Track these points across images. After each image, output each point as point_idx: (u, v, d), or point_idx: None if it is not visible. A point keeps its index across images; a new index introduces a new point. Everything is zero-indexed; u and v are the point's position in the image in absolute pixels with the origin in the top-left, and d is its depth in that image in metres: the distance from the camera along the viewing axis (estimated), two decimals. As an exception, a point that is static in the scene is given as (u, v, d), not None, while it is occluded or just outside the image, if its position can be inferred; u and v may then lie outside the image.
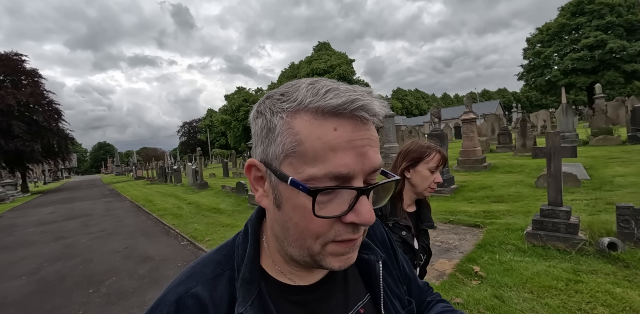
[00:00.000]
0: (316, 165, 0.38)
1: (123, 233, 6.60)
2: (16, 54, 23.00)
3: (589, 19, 37.60)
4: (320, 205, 0.39)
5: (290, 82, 0.43)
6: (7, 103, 19.62)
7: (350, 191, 0.39)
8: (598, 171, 7.43)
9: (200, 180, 12.91)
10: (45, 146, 22.82)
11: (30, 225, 8.79)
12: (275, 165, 0.41)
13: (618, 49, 34.76)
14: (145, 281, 3.81)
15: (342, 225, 0.40)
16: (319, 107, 0.38)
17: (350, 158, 0.38)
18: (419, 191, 1.34)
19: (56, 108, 24.56)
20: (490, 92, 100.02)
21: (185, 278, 0.47)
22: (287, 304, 0.47)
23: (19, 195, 20.70)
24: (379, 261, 0.56)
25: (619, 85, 36.22)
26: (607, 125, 13.43)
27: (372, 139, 0.41)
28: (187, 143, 67.53)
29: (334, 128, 0.38)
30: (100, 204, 12.47)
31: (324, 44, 45.97)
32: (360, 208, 0.39)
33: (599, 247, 3.20)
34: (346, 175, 0.38)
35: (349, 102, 0.37)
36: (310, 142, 0.38)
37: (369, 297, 0.55)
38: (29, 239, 6.86)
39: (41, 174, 44.75)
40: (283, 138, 0.39)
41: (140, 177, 28.18)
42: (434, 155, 1.32)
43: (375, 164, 0.40)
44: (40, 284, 4.02)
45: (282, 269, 0.49)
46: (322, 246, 0.41)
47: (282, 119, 0.39)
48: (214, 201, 9.45)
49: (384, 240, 0.66)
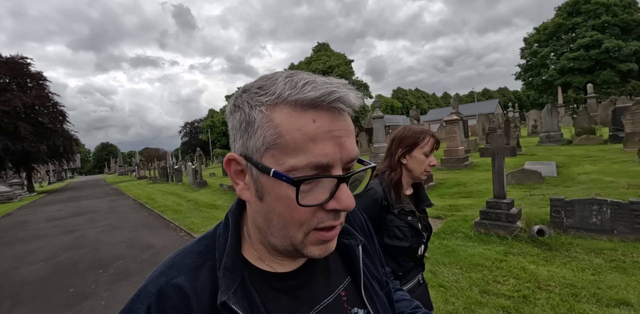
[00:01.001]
0: (297, 155, 0.39)
1: (127, 227, 7.24)
2: (22, 58, 23.71)
3: (585, 18, 37.92)
4: (303, 194, 0.40)
5: (266, 75, 0.44)
6: (13, 106, 20.32)
7: (331, 180, 0.41)
8: (569, 169, 7.98)
9: (200, 179, 13.54)
10: (50, 147, 23.53)
11: (40, 221, 9.45)
12: (256, 158, 0.42)
13: (613, 49, 35.08)
14: (147, 264, 4.44)
15: (324, 213, 0.42)
16: (298, 100, 0.39)
17: (330, 148, 0.39)
18: (416, 176, 1.39)
19: (61, 110, 25.29)
20: (490, 91, 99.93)
21: (166, 268, 0.47)
22: (269, 291, 0.48)
23: (26, 194, 21.42)
24: (358, 245, 0.57)
25: (614, 84, 36.51)
26: (590, 125, 13.96)
27: (349, 130, 0.42)
28: (189, 144, 68.15)
29: (313, 119, 0.39)
30: (105, 202, 13.11)
31: (323, 45, 46.54)
32: (340, 195, 0.41)
33: (531, 233, 3.77)
34: (326, 165, 0.40)
35: (327, 94, 0.38)
36: (290, 133, 0.39)
37: (349, 280, 0.56)
38: (41, 233, 7.50)
39: (45, 174, 45.59)
40: (263, 131, 0.40)
41: (143, 177, 28.88)
42: (428, 139, 1.37)
43: (352, 154, 0.42)
44: (56, 268, 4.65)
45: (264, 258, 0.50)
46: (305, 235, 0.43)
47: (262, 112, 0.40)
48: (211, 198, 10.07)
49: (363, 226, 0.68)
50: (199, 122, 69.86)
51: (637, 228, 3.36)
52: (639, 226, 3.35)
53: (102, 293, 3.59)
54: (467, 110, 53.35)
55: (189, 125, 71.62)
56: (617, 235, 3.47)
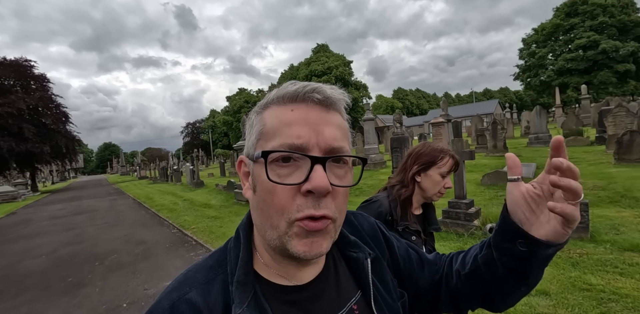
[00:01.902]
0: (275, 139, 0.43)
1: (124, 225, 7.68)
2: (25, 60, 24.24)
3: (583, 19, 38.03)
4: (281, 177, 0.42)
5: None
6: (18, 108, 20.84)
7: (306, 162, 0.42)
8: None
9: (197, 179, 13.98)
10: (53, 147, 24.07)
11: (43, 219, 9.91)
12: (252, 152, 0.46)
13: (610, 49, 35.18)
14: (139, 257, 4.86)
15: (303, 198, 0.42)
16: (279, 96, 0.46)
17: (304, 131, 0.42)
18: (428, 196, 1.31)
19: (63, 111, 25.84)
20: (492, 91, 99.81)
21: (178, 284, 0.48)
22: (281, 304, 0.48)
23: (30, 193, 21.94)
24: (367, 258, 0.57)
25: (612, 85, 36.66)
26: (577, 127, 14.26)
27: (330, 121, 0.45)
28: (190, 144, 68.65)
29: (291, 109, 0.44)
30: (106, 201, 13.58)
31: (322, 46, 46.93)
32: (313, 175, 0.41)
33: (484, 231, 4.15)
34: (300, 146, 0.42)
35: (302, 87, 0.45)
36: (271, 121, 0.44)
37: (360, 294, 0.55)
38: (44, 230, 7.95)
39: (49, 174, 46.22)
40: (257, 127, 0.46)
41: (144, 177, 29.38)
42: (447, 159, 1.29)
43: (331, 141, 0.43)
44: (57, 261, 5.08)
45: (274, 270, 0.50)
46: (288, 225, 0.43)
47: (258, 114, 0.48)
48: (206, 198, 10.50)
49: (374, 233, 0.66)
50: (200, 123, 70.35)
51: (581, 227, 3.70)
52: (583, 225, 3.69)
53: (97, 281, 4.01)
54: (466, 111, 53.65)
55: (190, 126, 72.12)
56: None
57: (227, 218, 6.88)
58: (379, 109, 73.69)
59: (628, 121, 10.55)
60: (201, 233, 5.83)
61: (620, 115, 10.65)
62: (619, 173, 6.79)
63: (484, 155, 12.82)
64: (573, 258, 3.21)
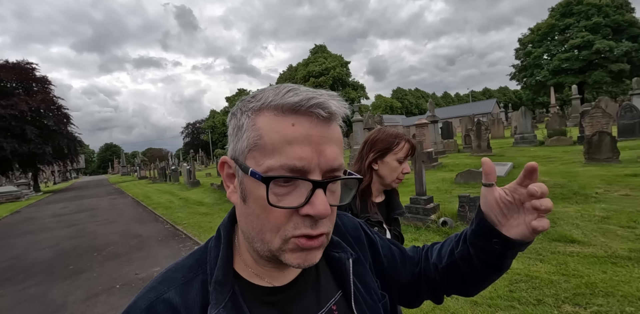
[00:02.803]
0: (273, 156, 0.40)
1: (122, 221, 8.21)
2: (27, 63, 24.81)
3: (577, 19, 38.32)
4: (279, 197, 0.40)
5: (264, 87, 0.47)
6: (20, 110, 21.39)
7: (307, 185, 0.41)
8: (520, 169, 8.80)
9: (193, 179, 14.50)
10: (55, 148, 24.61)
11: (46, 216, 10.46)
12: (241, 160, 0.43)
13: (604, 49, 35.47)
14: (134, 248, 5.39)
15: (300, 218, 0.41)
16: (279, 105, 0.41)
17: (306, 152, 0.40)
18: (387, 183, 1.30)
19: (65, 112, 26.39)
20: (491, 91, 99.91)
21: (156, 283, 0.47)
22: (260, 305, 0.48)
23: (32, 193, 22.51)
24: (349, 258, 0.57)
25: (606, 84, 37.05)
26: (561, 127, 14.73)
27: (331, 138, 0.43)
28: (191, 144, 69.21)
29: (292, 123, 0.40)
30: (106, 200, 14.12)
31: (320, 47, 47.46)
32: (315, 200, 0.40)
33: (438, 225, 4.65)
34: (301, 168, 0.40)
35: (306, 100, 0.40)
36: (269, 135, 0.40)
37: (340, 294, 0.56)
38: (47, 226, 8.50)
39: (50, 175, 46.87)
40: (248, 134, 0.42)
41: (144, 177, 29.94)
42: (402, 144, 1.28)
43: (332, 162, 0.42)
44: (60, 253, 5.61)
45: (255, 271, 0.49)
46: (283, 242, 0.42)
47: (248, 117, 0.43)
48: (201, 196, 11.03)
49: (357, 234, 0.66)
50: (200, 123, 70.93)
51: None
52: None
53: (95, 268, 4.55)
54: (464, 110, 54.07)
55: (190, 126, 72.71)
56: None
57: (216, 215, 7.40)
58: (378, 109, 74.07)
59: (604, 121, 11.03)
60: (191, 227, 6.35)
61: (596, 115, 11.13)
62: (585, 171, 7.25)
63: (469, 154, 13.30)
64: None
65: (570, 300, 2.47)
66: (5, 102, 21.10)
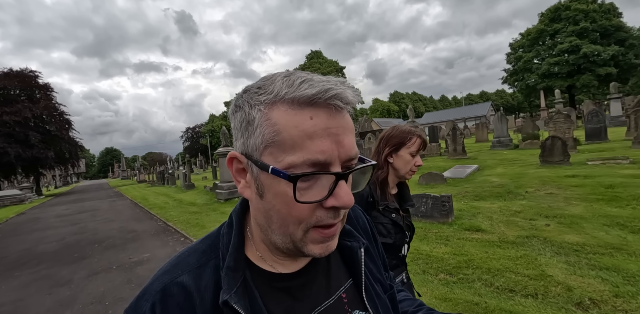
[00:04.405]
0: (295, 153, 0.39)
1: (120, 220, 9.09)
2: (31, 71, 25.79)
3: (565, 24, 39.28)
4: (301, 191, 0.40)
5: (266, 75, 0.45)
6: (24, 116, 22.30)
7: (329, 177, 0.41)
8: (482, 171, 9.65)
9: (188, 182, 15.38)
10: (57, 153, 25.44)
11: (50, 217, 11.34)
12: (255, 156, 0.42)
13: (592, 54, 36.37)
14: (129, 241, 6.27)
15: (324, 210, 0.42)
16: (295, 98, 0.39)
17: (327, 145, 0.40)
18: (401, 175, 1.41)
19: (67, 118, 27.32)
20: (488, 93, 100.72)
21: (170, 267, 0.49)
22: (271, 291, 0.49)
23: (35, 197, 23.35)
24: (361, 247, 0.58)
25: (594, 88, 37.96)
26: (534, 131, 15.59)
27: (347, 127, 0.42)
28: (191, 148, 69.87)
29: (310, 117, 0.40)
30: (106, 202, 14.99)
31: (315, 52, 48.60)
32: (339, 191, 0.41)
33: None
34: (324, 162, 0.40)
35: (323, 91, 0.39)
36: (287, 131, 0.39)
37: (351, 282, 0.57)
38: (52, 225, 9.37)
39: (52, 179, 47.76)
40: (262, 129, 0.41)
41: (143, 181, 30.83)
42: (414, 139, 1.39)
43: (351, 152, 0.42)
44: (65, 245, 6.47)
45: (266, 258, 0.50)
46: (304, 233, 0.43)
47: (260, 111, 0.41)
48: (194, 198, 11.90)
49: (366, 228, 0.68)
50: (200, 127, 71.72)
51: (444, 214, 5.03)
52: (445, 212, 5.02)
53: (96, 255, 5.42)
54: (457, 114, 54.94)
55: (190, 130, 73.48)
56: (434, 218, 5.10)
57: (204, 213, 8.27)
58: (375, 113, 75.15)
59: (566, 126, 11.90)
60: (180, 224, 7.22)
61: (559, 121, 11.99)
62: (534, 173, 8.09)
63: (446, 158, 14.16)
64: (428, 235, 4.51)
65: (447, 271, 3.32)
66: (9, 108, 22.01)
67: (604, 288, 2.67)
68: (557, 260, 3.26)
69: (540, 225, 4.28)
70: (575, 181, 6.57)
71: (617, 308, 2.41)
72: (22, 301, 3.74)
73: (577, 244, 3.58)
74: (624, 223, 4.06)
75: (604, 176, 6.70)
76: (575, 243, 3.62)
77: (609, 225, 4.07)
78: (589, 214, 4.52)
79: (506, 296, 2.71)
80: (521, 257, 3.40)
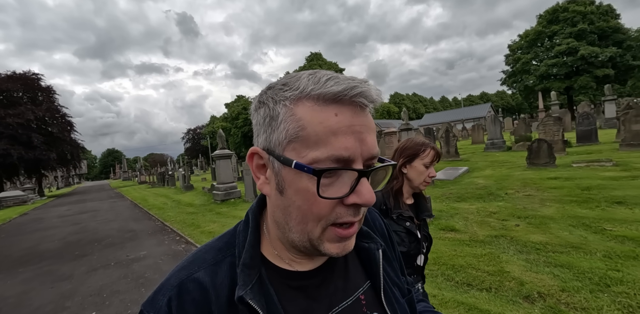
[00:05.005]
0: (319, 148, 0.40)
1: (120, 220, 9.41)
2: (33, 74, 26.21)
3: (563, 26, 39.47)
4: (323, 187, 0.40)
5: (291, 74, 0.45)
6: (27, 118, 22.68)
7: (351, 174, 0.41)
8: (471, 173, 9.91)
9: (187, 183, 15.69)
10: (59, 155, 25.85)
11: (53, 217, 11.69)
12: (278, 152, 0.43)
13: (589, 55, 36.52)
14: (127, 239, 6.59)
15: (344, 207, 0.42)
16: (321, 94, 0.40)
17: (351, 142, 0.40)
18: (415, 186, 1.43)
19: (69, 120, 27.74)
20: (489, 94, 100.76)
21: (187, 263, 0.49)
22: (286, 289, 0.49)
23: (37, 198, 23.71)
24: (379, 249, 0.57)
25: (591, 89, 38.13)
26: (526, 133, 15.85)
27: (370, 126, 0.43)
28: (192, 149, 70.17)
29: (335, 113, 0.40)
30: (107, 203, 15.32)
31: (315, 55, 48.98)
32: (361, 189, 0.41)
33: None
34: (347, 158, 0.40)
35: (349, 89, 0.39)
36: (312, 126, 0.40)
37: (368, 284, 0.56)
38: (55, 225, 9.70)
39: (54, 180, 48.16)
40: (286, 124, 0.41)
41: (143, 182, 31.14)
42: (428, 151, 1.42)
43: (373, 150, 0.43)
44: (67, 244, 6.78)
45: (283, 256, 0.51)
46: (323, 230, 0.43)
47: (286, 106, 0.42)
48: (192, 199, 12.20)
49: (383, 232, 0.67)
50: (201, 128, 72.04)
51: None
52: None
53: (95, 253, 5.74)
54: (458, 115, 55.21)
55: (191, 132, 73.84)
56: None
57: (200, 214, 8.57)
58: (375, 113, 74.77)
59: (555, 129, 12.14)
60: (177, 223, 7.52)
61: (548, 123, 12.24)
62: (519, 175, 8.35)
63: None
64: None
65: (418, 264, 3.61)
66: (12, 111, 22.38)
67: (553, 283, 2.94)
68: (518, 258, 3.54)
69: (510, 225, 4.56)
70: (556, 183, 6.83)
71: (561, 301, 2.68)
72: (27, 294, 4.05)
73: (540, 243, 3.86)
74: (589, 223, 4.33)
75: (584, 178, 6.96)
76: (539, 242, 3.89)
77: (575, 225, 4.35)
78: (559, 215, 4.79)
79: (463, 290, 2.99)
80: (485, 255, 3.68)
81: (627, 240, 3.72)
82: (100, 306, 3.52)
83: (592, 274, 3.02)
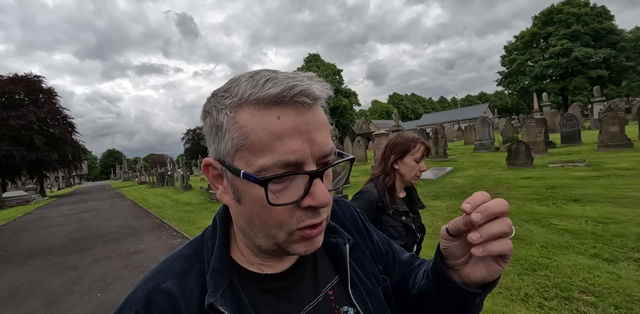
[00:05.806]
0: (265, 155, 0.39)
1: (121, 218, 9.94)
2: (35, 76, 26.67)
3: (558, 28, 39.91)
4: (276, 193, 0.40)
5: (234, 77, 0.44)
6: (29, 120, 23.14)
7: (304, 177, 0.40)
8: (454, 173, 10.41)
9: (186, 183, 16.22)
10: (61, 155, 26.31)
11: (56, 216, 12.23)
12: (228, 161, 0.42)
13: (583, 57, 36.95)
14: (128, 235, 7.11)
15: (302, 211, 0.41)
16: (260, 98, 0.38)
17: (297, 144, 0.39)
18: (407, 180, 1.50)
19: (70, 122, 28.21)
20: (487, 95, 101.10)
21: (154, 273, 0.48)
22: (258, 293, 0.48)
23: (39, 198, 24.22)
24: (346, 244, 0.57)
25: (585, 90, 38.61)
26: (513, 134, 16.34)
27: (318, 123, 0.41)
28: (192, 150, 70.14)
29: (277, 116, 0.38)
30: (108, 203, 15.84)
31: (314, 56, 49.41)
32: (315, 191, 0.40)
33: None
34: (295, 162, 0.39)
35: (288, 89, 0.38)
36: (255, 133, 0.39)
37: (337, 279, 0.56)
38: (58, 223, 10.23)
39: (55, 181, 48.69)
40: (231, 133, 0.40)
41: (143, 182, 31.67)
42: (419, 146, 1.47)
43: (325, 148, 0.41)
44: (71, 239, 7.32)
45: (251, 261, 0.50)
46: (288, 235, 0.42)
47: (227, 115, 0.40)
48: (190, 198, 12.72)
49: (356, 222, 0.66)
50: (201, 129, 71.38)
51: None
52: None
53: (99, 247, 6.27)
54: (456, 115, 55.68)
55: (191, 132, 74.09)
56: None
57: (197, 212, 9.10)
58: (374, 114, 76.07)
59: (537, 130, 12.63)
60: (175, 221, 8.05)
61: (531, 125, 12.73)
62: (497, 175, 8.83)
63: (428, 160, 14.93)
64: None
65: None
66: (15, 113, 22.85)
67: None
68: (469, 247, 4.05)
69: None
70: (527, 182, 7.33)
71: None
72: (38, 281, 4.58)
73: (491, 234, 4.37)
74: (540, 219, 4.84)
75: (554, 178, 7.45)
76: (491, 233, 4.40)
77: (527, 220, 4.85)
78: (516, 211, 5.29)
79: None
80: (433, 245, 4.18)
81: (567, 233, 4.22)
82: (105, 289, 4.04)
83: (525, 261, 3.52)
